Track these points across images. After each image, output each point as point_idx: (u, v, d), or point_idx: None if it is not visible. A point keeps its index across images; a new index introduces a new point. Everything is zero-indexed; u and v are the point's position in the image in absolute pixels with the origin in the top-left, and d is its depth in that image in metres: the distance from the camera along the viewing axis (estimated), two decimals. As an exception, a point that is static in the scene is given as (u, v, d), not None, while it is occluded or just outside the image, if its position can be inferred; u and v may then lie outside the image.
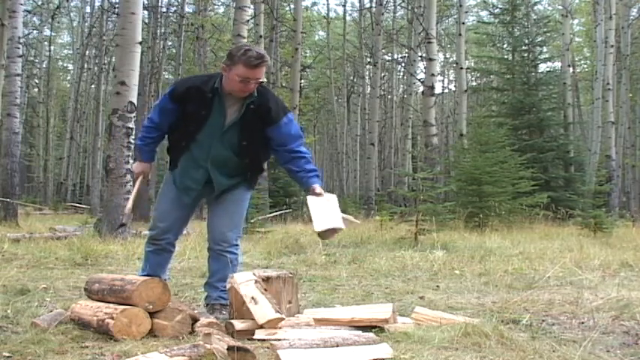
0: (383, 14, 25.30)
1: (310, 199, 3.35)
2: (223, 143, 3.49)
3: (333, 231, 3.26)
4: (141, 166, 3.75)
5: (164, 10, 24.88)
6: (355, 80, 33.85)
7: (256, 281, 3.19)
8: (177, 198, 3.64)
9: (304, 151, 3.56)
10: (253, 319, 3.01)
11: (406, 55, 28.96)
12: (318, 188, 3.42)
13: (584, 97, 34.29)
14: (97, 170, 24.09)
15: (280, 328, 3.00)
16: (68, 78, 41.36)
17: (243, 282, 3.20)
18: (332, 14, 35.25)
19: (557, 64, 22.42)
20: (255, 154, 3.58)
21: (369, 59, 26.33)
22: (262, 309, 3.01)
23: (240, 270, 3.59)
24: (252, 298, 3.07)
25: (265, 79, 3.48)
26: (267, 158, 3.75)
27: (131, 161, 8.69)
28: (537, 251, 7.28)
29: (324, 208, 3.29)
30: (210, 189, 3.61)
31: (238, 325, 2.99)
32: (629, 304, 3.81)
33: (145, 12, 19.81)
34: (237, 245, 3.64)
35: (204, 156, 3.52)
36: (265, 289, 3.16)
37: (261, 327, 2.96)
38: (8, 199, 11.80)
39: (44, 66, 34.76)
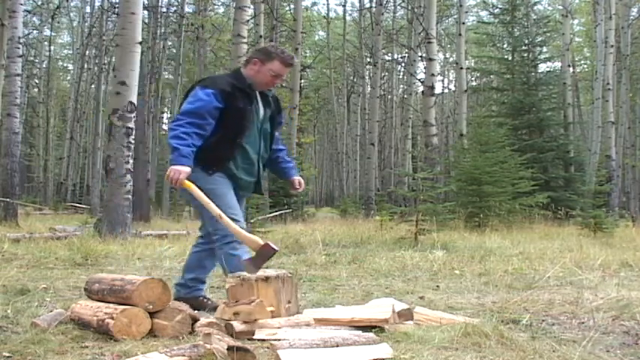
0: (383, 14, 25.30)
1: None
2: (263, 136, 3.74)
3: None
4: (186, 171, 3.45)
5: (164, 10, 24.89)
6: (355, 80, 33.88)
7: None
8: (235, 196, 3.66)
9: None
10: (246, 302, 3.04)
11: (406, 55, 28.98)
12: (297, 181, 3.84)
13: (584, 97, 34.28)
14: (97, 170, 24.08)
15: (279, 327, 3.00)
16: (68, 78, 41.37)
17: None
18: (332, 14, 35.32)
19: (557, 64, 22.43)
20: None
21: (369, 59, 26.34)
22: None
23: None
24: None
25: None
26: None
27: (131, 161, 8.69)
28: (537, 251, 7.28)
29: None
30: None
31: (238, 325, 2.99)
32: (629, 304, 3.81)
33: (145, 12, 19.80)
34: None
35: (255, 150, 3.70)
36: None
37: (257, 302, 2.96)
38: (8, 199, 11.80)
39: (44, 66, 34.77)
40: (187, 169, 3.41)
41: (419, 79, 22.21)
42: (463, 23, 18.16)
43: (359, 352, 2.55)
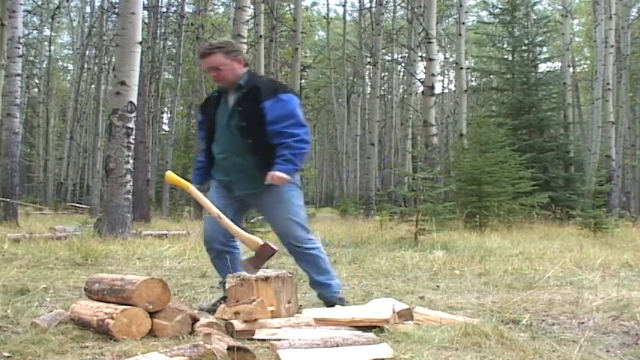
0: (383, 14, 25.30)
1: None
2: (230, 129, 3.68)
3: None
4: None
5: (164, 10, 24.89)
6: (355, 80, 33.86)
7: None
8: (221, 196, 3.73)
9: (292, 133, 3.55)
10: (247, 301, 3.06)
11: (406, 55, 28.97)
12: (269, 176, 3.48)
13: (584, 97, 34.28)
14: (97, 170, 24.09)
15: (280, 327, 3.00)
16: (68, 78, 41.38)
17: None
18: (332, 14, 35.33)
19: (557, 64, 22.43)
20: (257, 135, 3.62)
21: (369, 59, 26.33)
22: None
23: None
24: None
25: (221, 66, 3.63)
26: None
27: (131, 161, 8.70)
28: (537, 251, 7.28)
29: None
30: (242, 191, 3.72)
31: (238, 325, 2.99)
32: (629, 304, 3.81)
33: (145, 12, 19.80)
34: (311, 239, 3.75)
35: (222, 148, 3.71)
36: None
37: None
38: (8, 199, 11.79)
39: (44, 66, 34.76)
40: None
41: (419, 79, 22.19)
42: (463, 23, 18.16)
43: (359, 352, 2.55)
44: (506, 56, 19.68)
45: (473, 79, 35.87)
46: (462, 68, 18.03)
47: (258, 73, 4.02)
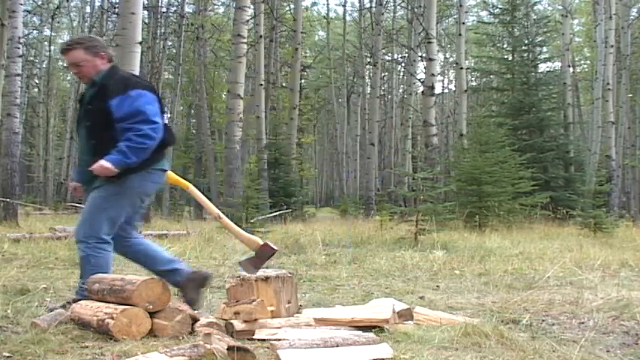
0: (383, 14, 25.30)
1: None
2: (82, 128, 3.61)
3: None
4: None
5: (164, 10, 24.87)
6: (355, 80, 33.88)
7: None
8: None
9: (136, 128, 3.34)
10: (247, 301, 3.06)
11: (406, 55, 28.97)
12: (95, 165, 3.34)
13: (584, 97, 34.28)
14: (97, 170, 24.05)
15: (280, 327, 3.00)
16: (68, 78, 41.32)
17: None
18: (332, 14, 35.34)
19: (557, 64, 22.43)
20: (101, 136, 3.44)
21: (369, 59, 26.33)
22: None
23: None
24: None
25: (81, 62, 3.54)
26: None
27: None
28: (537, 251, 7.28)
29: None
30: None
31: (238, 325, 2.99)
32: (629, 304, 3.82)
33: (145, 12, 19.80)
34: (84, 242, 3.51)
35: (80, 146, 3.73)
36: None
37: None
38: (8, 199, 11.79)
39: (44, 66, 34.76)
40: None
41: (419, 79, 22.20)
42: (463, 23, 18.17)
43: (359, 352, 2.55)
44: (506, 56, 19.67)
45: (473, 79, 35.86)
46: (462, 68, 18.03)
47: (118, 69, 3.68)
